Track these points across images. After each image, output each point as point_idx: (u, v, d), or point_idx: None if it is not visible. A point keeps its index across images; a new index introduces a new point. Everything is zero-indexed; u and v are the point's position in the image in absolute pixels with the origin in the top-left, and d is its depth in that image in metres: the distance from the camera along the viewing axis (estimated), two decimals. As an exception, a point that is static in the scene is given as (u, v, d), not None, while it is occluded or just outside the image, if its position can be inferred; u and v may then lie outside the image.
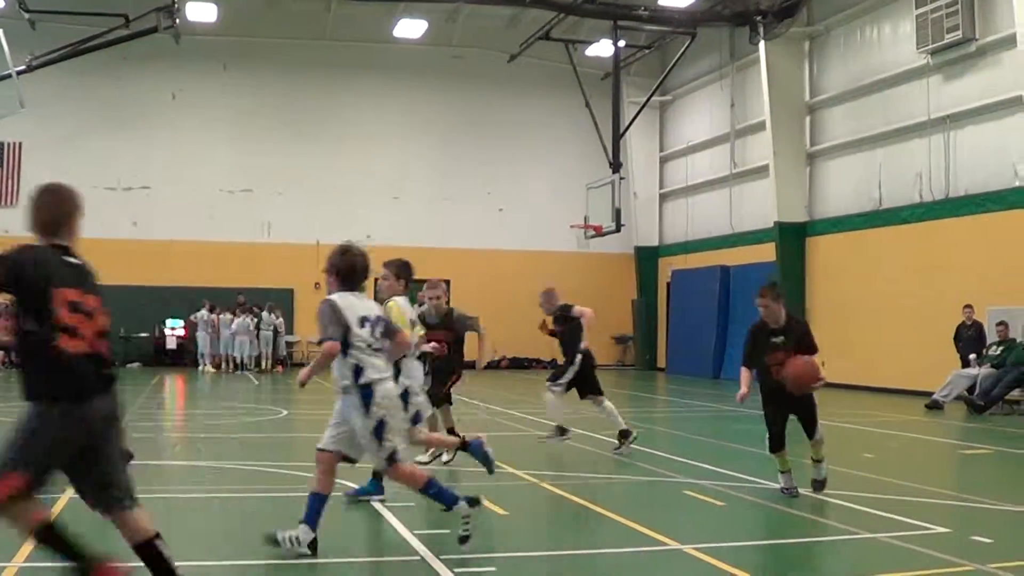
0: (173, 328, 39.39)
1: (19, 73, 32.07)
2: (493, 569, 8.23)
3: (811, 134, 35.47)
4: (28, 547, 8.47)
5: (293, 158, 41.47)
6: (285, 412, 22.35)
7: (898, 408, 25.39)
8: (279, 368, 37.96)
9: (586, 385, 16.03)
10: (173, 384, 31.66)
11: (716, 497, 11.47)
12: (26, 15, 36.86)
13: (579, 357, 15.97)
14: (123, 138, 40.34)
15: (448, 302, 13.90)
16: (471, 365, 14.69)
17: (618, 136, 36.89)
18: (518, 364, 41.97)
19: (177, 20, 34.73)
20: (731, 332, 37.55)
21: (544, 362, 41.74)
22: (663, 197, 44.01)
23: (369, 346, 8.66)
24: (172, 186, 40.62)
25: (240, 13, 39.44)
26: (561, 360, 16.47)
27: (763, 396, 11.69)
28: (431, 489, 8.83)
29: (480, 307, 39.97)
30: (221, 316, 37.59)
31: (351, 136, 42.20)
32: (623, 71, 38.82)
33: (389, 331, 8.97)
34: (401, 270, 11.98)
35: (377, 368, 8.67)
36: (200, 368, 37.00)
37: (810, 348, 11.39)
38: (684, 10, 36.80)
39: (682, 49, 37.94)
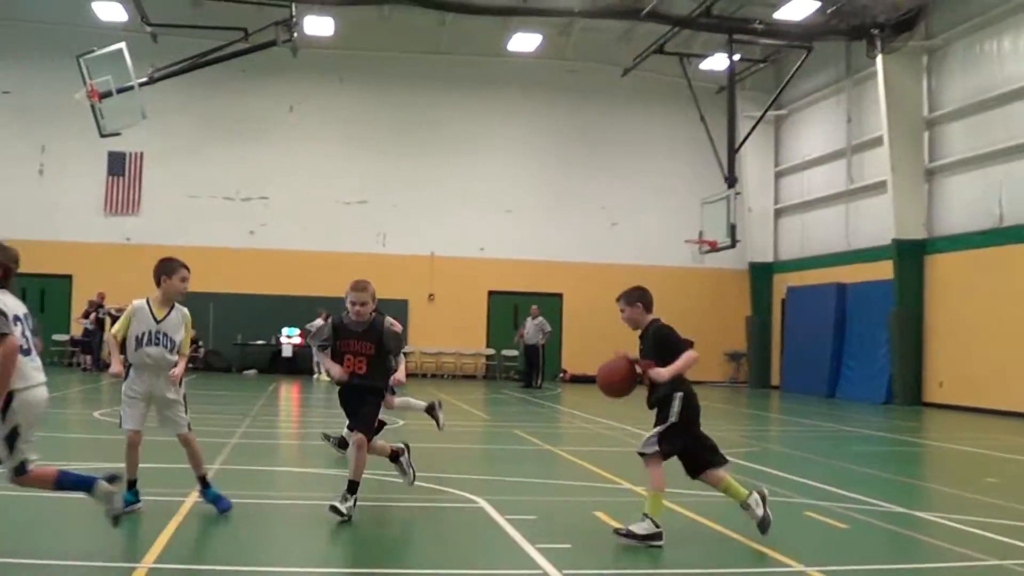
0: (289, 336, 39.78)
1: (141, 85, 32.72)
2: (615, 586, 8.18)
3: (930, 149, 34.89)
4: (158, 548, 8.62)
5: (408, 170, 41.74)
6: (401, 422, 22.40)
7: (1022, 432, 24.88)
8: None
9: None
10: (288, 392, 31.98)
11: (839, 519, 11.28)
12: (148, 29, 37.56)
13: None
14: (241, 149, 40.92)
15: (376, 310, 11.58)
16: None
17: (733, 151, 36.70)
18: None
19: (295, 34, 35.19)
20: (847, 351, 37.05)
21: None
22: (778, 213, 43.57)
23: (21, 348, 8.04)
24: (289, 197, 41.09)
25: (356, 27, 39.79)
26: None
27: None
28: (66, 481, 8.53)
29: (591, 322, 40.55)
30: (336, 325, 37.79)
31: (464, 149, 42.36)
32: (738, 85, 38.62)
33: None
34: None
35: (23, 376, 8.08)
36: (315, 376, 37.29)
37: (669, 354, 10.19)
38: (800, 24, 36.48)
39: (798, 63, 37.66)
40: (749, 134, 38.73)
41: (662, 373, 10.03)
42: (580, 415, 25.75)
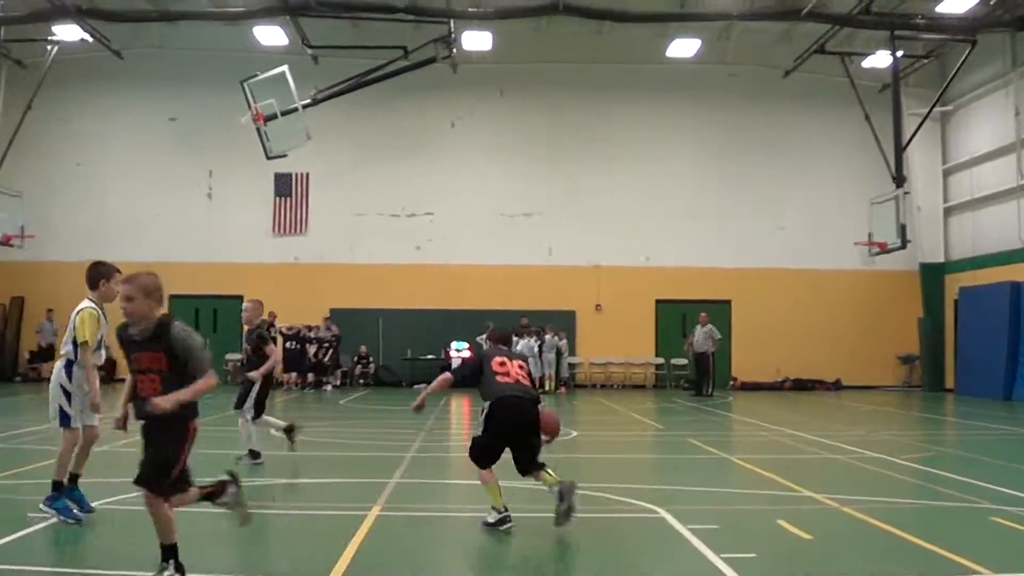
0: (459, 350, 40.07)
1: (305, 107, 33.37)
2: (804, 595, 8.09)
3: (1107, 140, 33.87)
4: (344, 563, 8.76)
5: (570, 181, 41.75)
6: (574, 433, 22.43)
7: None
8: (562, 389, 38.18)
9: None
10: (460, 405, 32.19)
11: (1029, 524, 11.03)
12: (309, 51, 38.29)
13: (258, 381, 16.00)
14: (405, 166, 41.38)
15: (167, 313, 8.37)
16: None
17: (900, 149, 36.08)
18: (801, 385, 41.17)
19: (454, 50, 35.59)
20: (1023, 351, 36.14)
21: (827, 383, 40.98)
22: (947, 211, 42.52)
23: None
24: (454, 211, 41.43)
25: (514, 39, 39.97)
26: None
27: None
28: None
29: (761, 328, 40.12)
30: (505, 339, 37.80)
31: (626, 157, 42.20)
32: (901, 82, 37.94)
33: None
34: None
35: None
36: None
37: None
38: (963, 16, 35.67)
39: (962, 57, 36.88)
40: (916, 132, 38.01)
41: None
42: (753, 423, 25.50)
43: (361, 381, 40.17)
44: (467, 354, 39.48)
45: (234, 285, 40.68)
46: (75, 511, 10.64)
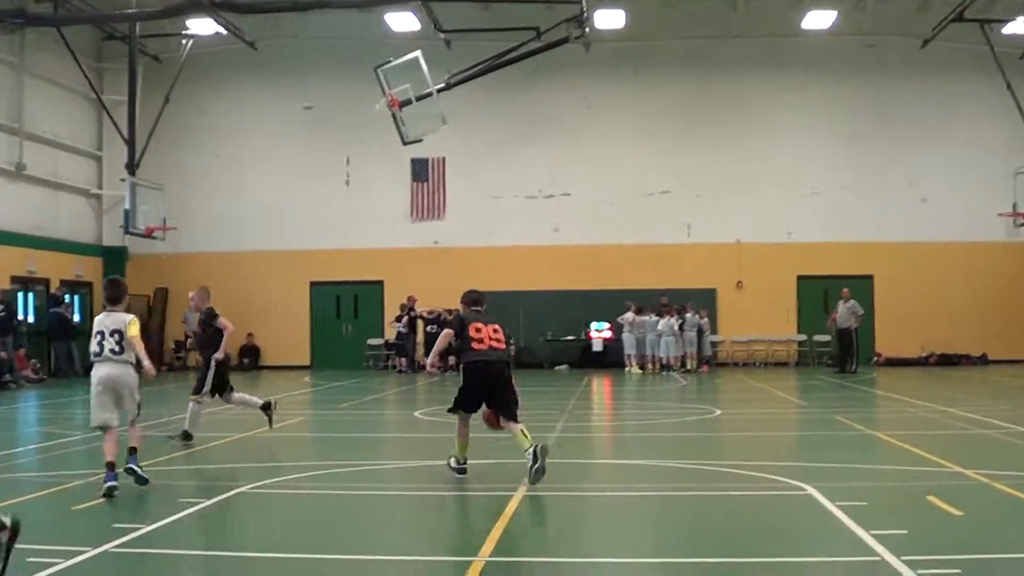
0: (599, 330, 40.01)
1: (439, 91, 33.48)
2: (958, 571, 7.90)
3: None
4: (492, 541, 8.83)
5: (707, 157, 41.32)
6: (718, 411, 22.32)
7: None
8: (704, 368, 37.89)
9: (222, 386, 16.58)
10: (600, 385, 32.21)
11: None
12: (441, 36, 38.47)
13: (214, 363, 16.37)
14: (540, 147, 41.33)
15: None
16: None
17: (1044, 116, 35.24)
18: (946, 360, 40.34)
19: (587, 29, 35.42)
20: None
21: (973, 357, 40.14)
22: (1095, 179, 41.39)
23: None
24: (591, 191, 41.25)
25: (646, 17, 39.66)
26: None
27: None
28: None
29: (904, 302, 39.43)
30: (646, 318, 37.64)
31: (763, 132, 41.60)
32: (1044, 47, 37.05)
33: None
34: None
35: None
36: (627, 369, 37.37)
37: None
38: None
39: (1109, 19, 35.89)
40: (1060, 98, 37.13)
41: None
42: (899, 399, 25.11)
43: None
44: (608, 334, 39.52)
45: (374, 270, 41.18)
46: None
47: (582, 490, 12.10)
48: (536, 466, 11.65)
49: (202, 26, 38.36)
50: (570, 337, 40.48)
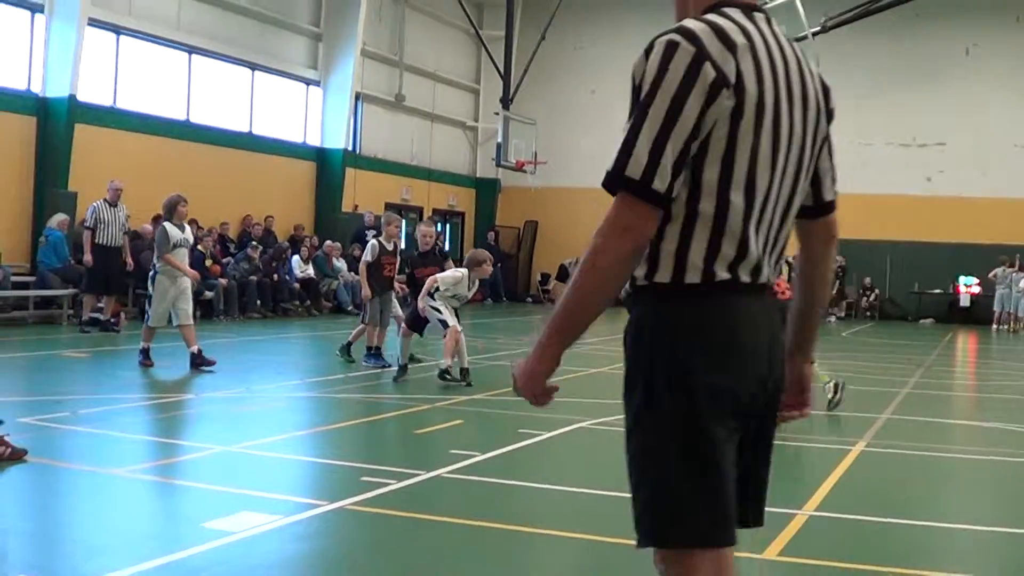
0: (967, 285, 38.68)
1: (814, 35, 32.96)
2: None
3: None
4: (820, 495, 8.75)
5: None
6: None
7: None
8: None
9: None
10: (965, 342, 31.24)
11: None
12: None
13: None
14: (917, 94, 40.02)
15: None
16: None
17: None
18: None
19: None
20: None
21: None
22: None
23: None
24: (967, 141, 39.70)
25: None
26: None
27: None
28: None
29: None
30: (1012, 272, 36.09)
31: None
32: None
33: None
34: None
35: None
36: (994, 327, 36.05)
37: None
38: None
39: None
40: None
41: None
42: None
43: (868, 313, 39.52)
44: (976, 289, 38.17)
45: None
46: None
47: (924, 449, 11.80)
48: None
49: (582, -38, 38.88)
50: (937, 291, 39.29)
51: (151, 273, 15.55)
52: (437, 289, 14.76)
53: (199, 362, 15.19)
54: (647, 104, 3.22)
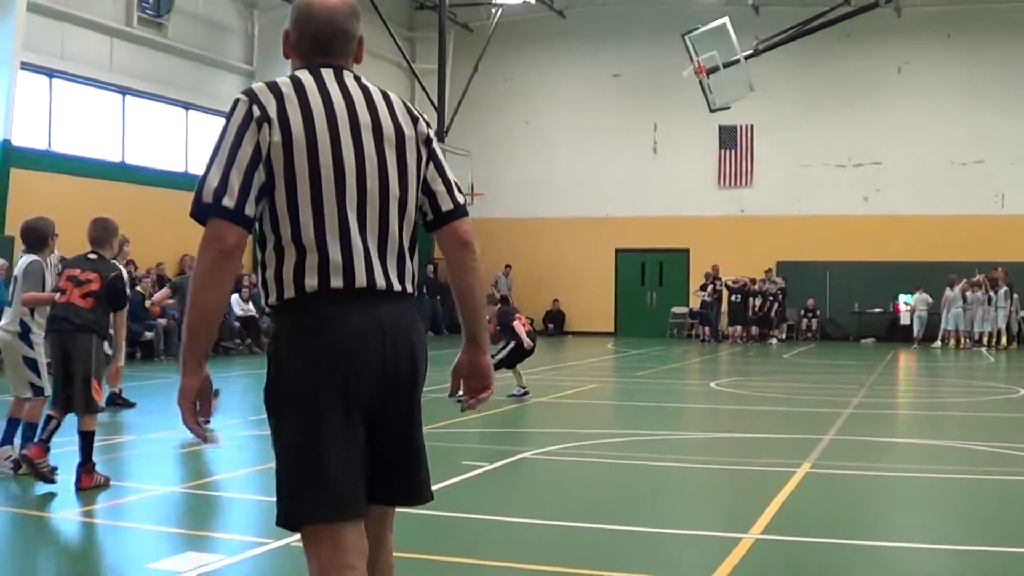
0: (907, 303, 38.90)
1: (747, 58, 33.27)
2: None
3: None
4: (766, 519, 8.75)
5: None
6: (1022, 391, 21.47)
7: None
8: (1012, 345, 36.36)
9: None
10: (907, 361, 31.44)
11: None
12: (750, 1, 38.15)
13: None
14: (849, 115, 40.33)
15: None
16: None
17: None
18: None
19: (899, -8, 34.48)
20: None
21: None
22: None
23: None
24: (902, 160, 39.99)
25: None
26: None
27: None
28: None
29: None
30: (954, 292, 36.34)
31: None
32: None
33: None
34: None
35: None
36: (936, 344, 36.30)
37: None
38: None
39: None
40: None
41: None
42: None
43: (808, 335, 39.70)
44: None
45: (680, 238, 41.13)
46: None
47: (870, 470, 11.82)
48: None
49: (511, -5, 39.04)
50: (877, 309, 39.56)
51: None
52: None
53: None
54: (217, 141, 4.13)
